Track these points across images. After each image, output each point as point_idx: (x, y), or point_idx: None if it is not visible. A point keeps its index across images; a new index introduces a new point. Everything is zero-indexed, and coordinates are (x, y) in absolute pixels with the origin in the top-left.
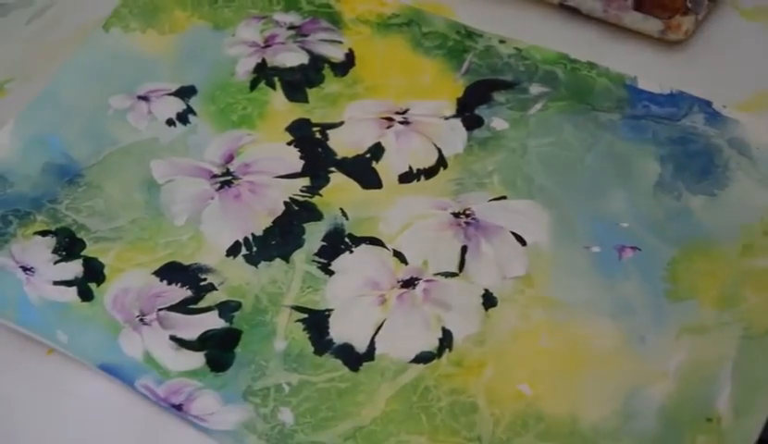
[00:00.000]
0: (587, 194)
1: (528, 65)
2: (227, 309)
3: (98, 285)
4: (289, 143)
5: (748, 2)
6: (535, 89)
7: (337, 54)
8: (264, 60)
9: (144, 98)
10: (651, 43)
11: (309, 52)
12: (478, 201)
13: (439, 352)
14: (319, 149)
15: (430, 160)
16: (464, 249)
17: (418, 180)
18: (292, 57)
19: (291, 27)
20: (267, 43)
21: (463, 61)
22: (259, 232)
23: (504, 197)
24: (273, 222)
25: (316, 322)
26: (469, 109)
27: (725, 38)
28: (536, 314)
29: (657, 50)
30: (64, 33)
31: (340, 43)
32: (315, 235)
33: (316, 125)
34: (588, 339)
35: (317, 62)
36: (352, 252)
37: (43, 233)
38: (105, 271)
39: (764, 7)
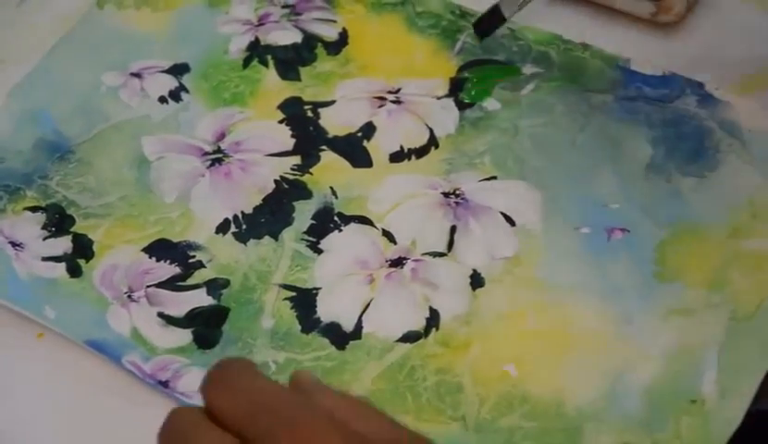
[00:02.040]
0: (577, 175)
1: (521, 45)
2: (215, 286)
3: (87, 261)
4: (280, 122)
5: None
6: (528, 69)
7: (330, 32)
8: (257, 38)
9: (137, 75)
10: (644, 25)
11: (302, 30)
12: (469, 181)
13: (426, 332)
14: (311, 127)
15: (422, 140)
16: (453, 228)
17: (409, 160)
18: (286, 36)
19: (285, 5)
20: (261, 22)
21: (456, 41)
22: (249, 210)
23: (495, 177)
24: (263, 200)
25: (304, 300)
26: (462, 89)
27: (718, 19)
28: (523, 295)
29: (649, 32)
30: (56, 14)
31: (334, 21)
32: (304, 213)
33: (308, 103)
34: (575, 321)
35: (310, 41)
36: (341, 230)
37: (33, 209)
38: (94, 247)
39: None
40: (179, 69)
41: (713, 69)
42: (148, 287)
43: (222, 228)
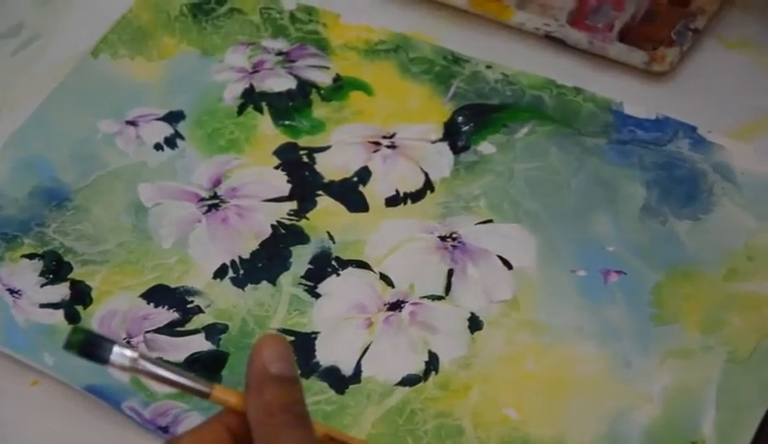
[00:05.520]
0: (573, 218)
1: (515, 89)
2: (214, 332)
3: (85, 308)
4: (276, 167)
5: (731, 34)
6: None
7: (324, 79)
8: (251, 85)
9: (133, 123)
10: (637, 72)
11: (297, 77)
12: (465, 224)
13: (425, 375)
14: (306, 172)
15: (417, 184)
16: (450, 272)
17: (405, 204)
18: (280, 82)
19: (279, 53)
20: (255, 69)
21: (450, 86)
22: (246, 255)
23: (491, 221)
24: (260, 245)
25: (303, 344)
26: (456, 133)
27: (710, 68)
28: (522, 337)
29: (642, 80)
30: (50, 64)
31: (328, 68)
32: (301, 258)
33: (304, 148)
34: (573, 363)
35: (305, 87)
36: (338, 274)
37: (31, 256)
38: (93, 294)
39: (747, 39)
40: (174, 117)
41: (706, 117)
42: (147, 332)
43: (220, 273)
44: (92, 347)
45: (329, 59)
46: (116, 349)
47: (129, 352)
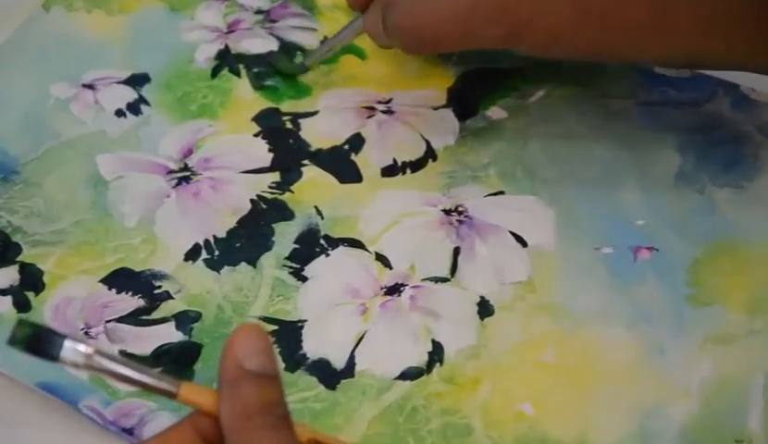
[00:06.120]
0: (596, 188)
1: None
2: (185, 320)
3: (36, 294)
4: (256, 135)
5: None
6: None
7: (310, 41)
8: (227, 46)
9: (90, 86)
10: None
11: (279, 38)
12: (473, 196)
13: (428, 368)
14: (290, 140)
15: (418, 152)
16: (456, 250)
17: (404, 173)
18: (260, 44)
19: (259, 11)
20: (231, 29)
21: None
22: (222, 234)
23: (502, 192)
24: (237, 222)
25: (288, 334)
26: (462, 100)
27: None
28: (539, 323)
29: None
30: None
31: (314, 30)
32: (285, 236)
33: (287, 114)
34: (599, 352)
35: (289, 49)
36: (328, 255)
37: None
38: (45, 278)
39: None
40: (137, 80)
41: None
42: (108, 322)
43: (192, 254)
44: (39, 342)
45: (315, 20)
46: (67, 343)
47: (82, 348)
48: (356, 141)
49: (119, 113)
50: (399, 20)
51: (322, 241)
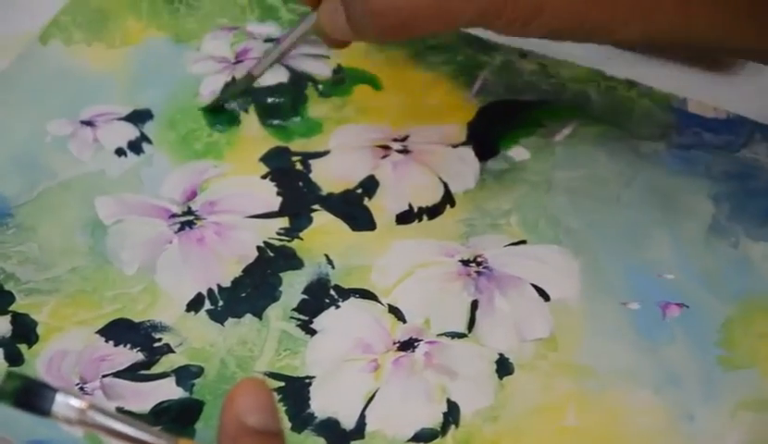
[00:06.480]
0: (624, 239)
1: (554, 83)
2: (186, 375)
3: (29, 346)
4: (263, 176)
5: None
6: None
7: (323, 70)
8: (234, 78)
9: (89, 123)
10: (703, 63)
11: (289, 68)
12: (492, 246)
13: (443, 430)
14: (300, 183)
15: (435, 196)
16: (474, 304)
17: (420, 221)
18: (269, 75)
19: (268, 39)
20: (239, 59)
21: (475, 79)
22: (226, 283)
23: (524, 242)
24: (243, 271)
25: (295, 391)
26: (483, 136)
27: None
28: (561, 384)
29: (709, 72)
30: None
31: (327, 58)
32: (294, 286)
33: (297, 154)
34: (623, 416)
35: (299, 80)
36: (338, 307)
37: None
38: (39, 330)
39: None
40: (139, 116)
41: None
42: (104, 377)
43: (194, 304)
44: (29, 395)
45: (329, 47)
46: (59, 397)
47: (75, 402)
48: (370, 184)
49: (120, 152)
50: (370, 4)
51: (332, 292)
